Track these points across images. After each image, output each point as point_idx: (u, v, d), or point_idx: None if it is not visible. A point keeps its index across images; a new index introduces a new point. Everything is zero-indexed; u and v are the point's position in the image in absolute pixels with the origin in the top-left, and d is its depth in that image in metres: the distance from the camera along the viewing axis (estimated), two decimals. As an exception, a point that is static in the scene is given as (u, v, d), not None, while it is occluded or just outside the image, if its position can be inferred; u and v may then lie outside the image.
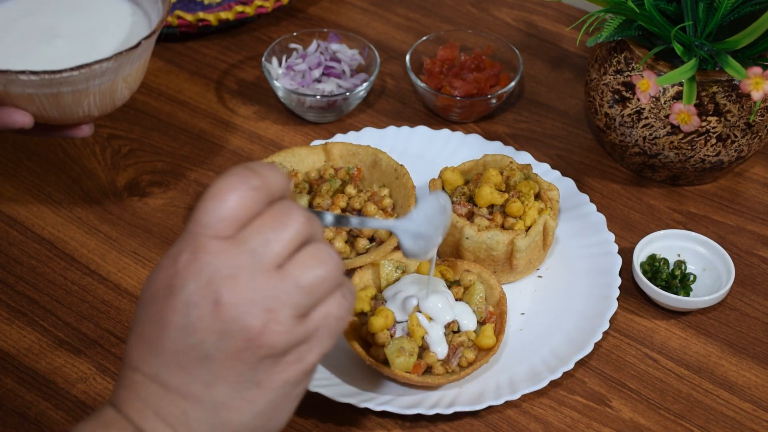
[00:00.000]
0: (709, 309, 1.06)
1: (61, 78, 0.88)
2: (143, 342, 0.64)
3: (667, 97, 1.09)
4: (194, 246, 0.62)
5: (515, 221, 1.04)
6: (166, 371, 0.64)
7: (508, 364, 0.99)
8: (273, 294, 0.62)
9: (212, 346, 0.62)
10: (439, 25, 1.43)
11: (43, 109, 0.92)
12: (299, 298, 0.63)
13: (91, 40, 0.98)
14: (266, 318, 0.62)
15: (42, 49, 0.96)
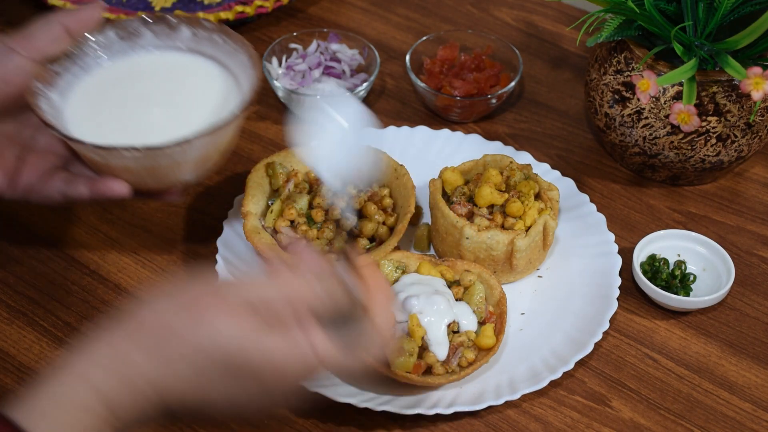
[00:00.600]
0: (709, 309, 1.06)
1: (162, 153, 0.88)
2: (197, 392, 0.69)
3: (667, 97, 1.09)
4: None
5: (515, 221, 1.04)
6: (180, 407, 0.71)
7: (508, 364, 0.99)
8: None
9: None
10: (439, 25, 1.43)
11: (140, 179, 0.92)
12: None
13: (186, 108, 0.95)
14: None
15: (138, 118, 0.94)
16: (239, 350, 0.68)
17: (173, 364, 0.68)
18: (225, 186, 1.17)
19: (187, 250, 1.10)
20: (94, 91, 0.95)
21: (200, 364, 0.68)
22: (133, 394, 0.68)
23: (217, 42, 0.99)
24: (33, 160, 0.93)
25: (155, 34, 0.99)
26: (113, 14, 1.36)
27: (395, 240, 1.03)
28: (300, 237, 1.04)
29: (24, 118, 0.93)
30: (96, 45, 0.96)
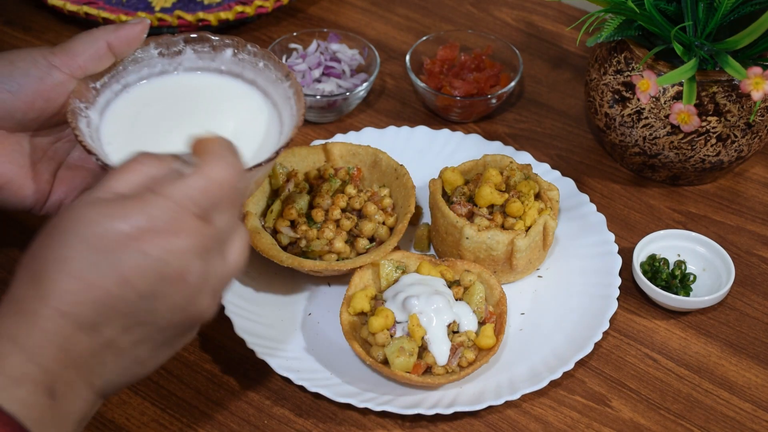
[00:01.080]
0: (709, 309, 1.06)
1: None
2: (88, 291, 0.67)
3: (667, 97, 1.09)
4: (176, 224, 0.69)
5: (515, 221, 1.04)
6: (105, 325, 0.68)
7: (508, 364, 0.99)
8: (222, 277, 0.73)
9: (162, 316, 0.70)
10: (439, 25, 1.43)
11: None
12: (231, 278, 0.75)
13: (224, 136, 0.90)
14: (212, 298, 0.73)
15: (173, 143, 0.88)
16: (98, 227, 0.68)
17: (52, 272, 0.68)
18: (225, 186, 1.17)
19: (187, 250, 1.10)
20: (132, 110, 0.93)
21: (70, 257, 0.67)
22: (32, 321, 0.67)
23: (260, 67, 0.96)
24: (66, 176, 0.93)
25: (197, 54, 0.96)
26: (113, 14, 1.36)
27: (395, 240, 1.03)
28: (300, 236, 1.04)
29: (60, 132, 0.93)
30: (137, 63, 0.94)
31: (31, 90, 0.87)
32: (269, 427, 0.95)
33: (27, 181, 0.90)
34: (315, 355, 1.00)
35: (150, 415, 0.95)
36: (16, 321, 0.67)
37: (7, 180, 0.89)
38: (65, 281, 0.67)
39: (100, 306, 0.68)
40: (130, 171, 0.71)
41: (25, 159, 0.91)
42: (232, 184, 0.72)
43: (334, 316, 1.03)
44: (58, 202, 0.92)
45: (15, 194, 0.90)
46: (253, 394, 0.97)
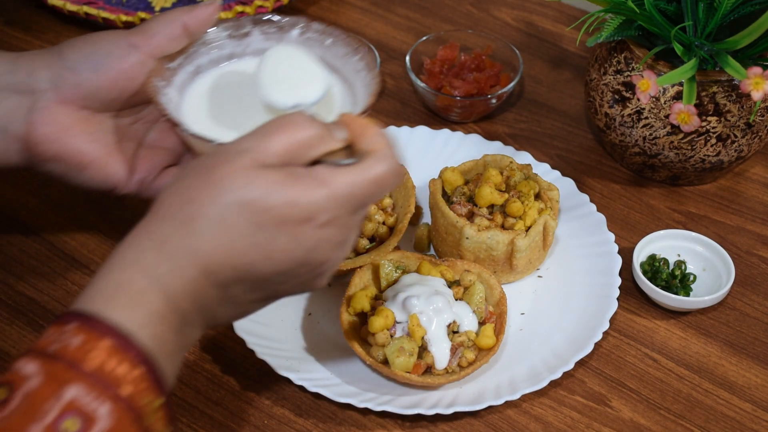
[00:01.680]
0: (709, 309, 1.06)
1: None
2: (235, 257, 0.71)
3: (667, 97, 1.09)
4: (333, 216, 0.73)
5: (515, 221, 1.04)
6: (238, 288, 0.73)
7: (508, 364, 0.99)
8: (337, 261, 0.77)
9: (290, 287, 0.76)
10: (439, 25, 1.43)
11: None
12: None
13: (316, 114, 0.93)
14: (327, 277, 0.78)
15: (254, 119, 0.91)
16: (260, 201, 0.70)
17: (204, 228, 0.70)
18: (225, 186, 1.17)
19: (187, 250, 1.10)
20: (211, 92, 0.95)
21: (227, 220, 0.70)
22: (176, 267, 0.70)
23: (327, 45, 0.98)
24: (146, 155, 0.96)
25: (264, 35, 0.98)
26: (113, 14, 1.36)
27: (395, 240, 1.03)
28: None
29: (137, 113, 0.96)
30: (207, 45, 0.96)
31: (114, 70, 0.90)
32: (269, 427, 0.95)
33: (111, 160, 0.93)
34: (315, 355, 1.00)
35: (150, 415, 0.95)
36: (161, 262, 0.70)
37: (93, 159, 0.92)
38: (216, 242, 0.70)
39: (239, 272, 0.72)
40: (287, 132, 0.73)
41: (109, 138, 0.93)
42: (388, 185, 0.75)
43: (334, 316, 1.03)
44: (139, 182, 0.95)
45: (100, 173, 0.93)
46: (253, 394, 0.97)
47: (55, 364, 0.63)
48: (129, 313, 0.67)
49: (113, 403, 0.63)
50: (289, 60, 0.90)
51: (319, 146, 0.74)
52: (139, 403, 0.65)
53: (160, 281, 0.69)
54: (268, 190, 0.71)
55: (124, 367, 0.65)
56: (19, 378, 0.63)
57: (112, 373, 0.64)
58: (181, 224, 0.70)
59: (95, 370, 0.64)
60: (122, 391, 0.64)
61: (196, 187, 0.72)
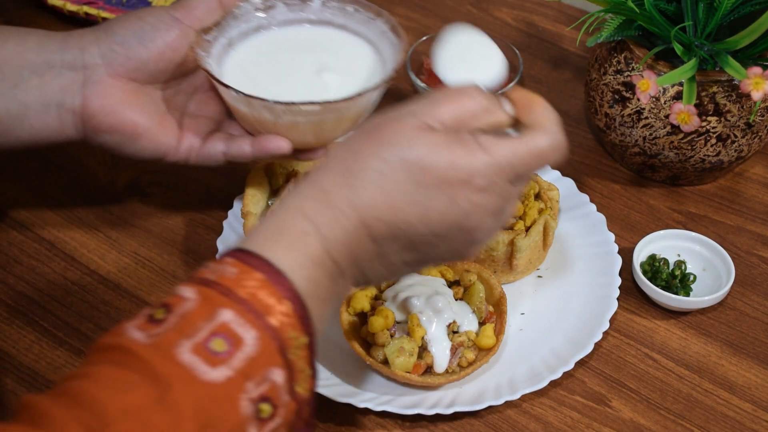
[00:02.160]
0: (709, 309, 1.06)
1: (335, 107, 0.93)
2: (392, 213, 0.72)
3: (667, 97, 1.09)
4: (491, 182, 0.73)
5: (515, 221, 1.04)
6: (391, 245, 0.74)
7: (508, 364, 0.99)
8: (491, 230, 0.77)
9: (438, 254, 0.76)
10: (439, 25, 1.43)
11: (302, 136, 0.97)
12: None
13: (340, 73, 1.01)
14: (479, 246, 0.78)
15: (294, 83, 1.00)
16: (423, 159, 0.72)
17: (366, 181, 0.72)
18: (225, 186, 1.17)
19: (187, 250, 1.10)
20: (247, 59, 1.02)
21: (388, 175, 0.72)
22: (336, 216, 0.72)
23: (349, 11, 1.04)
24: (191, 124, 1.00)
25: (288, 7, 1.04)
26: (113, 14, 1.36)
27: (395, 240, 1.03)
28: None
29: (177, 86, 1.01)
30: (236, 18, 1.02)
31: (161, 42, 0.96)
32: (269, 427, 0.95)
33: (161, 129, 0.98)
34: (315, 355, 1.00)
35: (150, 415, 0.95)
36: (322, 210, 0.72)
37: (146, 128, 0.97)
38: (376, 195, 0.72)
39: (395, 228, 0.73)
40: (456, 101, 0.76)
41: (158, 108, 0.99)
42: (549, 159, 0.77)
43: (334, 316, 1.03)
44: (188, 149, 0.99)
45: (152, 141, 0.98)
46: (253, 394, 0.97)
47: (210, 290, 0.67)
48: (287, 254, 0.70)
49: (260, 330, 0.66)
50: (464, 41, 0.94)
51: (487, 117, 0.76)
52: (285, 336, 0.67)
53: (320, 229, 0.72)
54: (431, 150, 0.72)
55: (273, 300, 0.67)
56: (178, 300, 0.67)
57: (262, 302, 0.67)
58: (344, 176, 0.73)
59: (247, 298, 0.66)
60: (270, 321, 0.66)
61: (363, 142, 0.74)
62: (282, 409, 0.67)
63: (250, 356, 0.65)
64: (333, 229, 0.72)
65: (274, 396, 0.66)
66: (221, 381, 0.63)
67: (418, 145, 0.73)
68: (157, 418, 0.60)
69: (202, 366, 0.63)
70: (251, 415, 0.64)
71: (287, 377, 0.67)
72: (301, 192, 0.74)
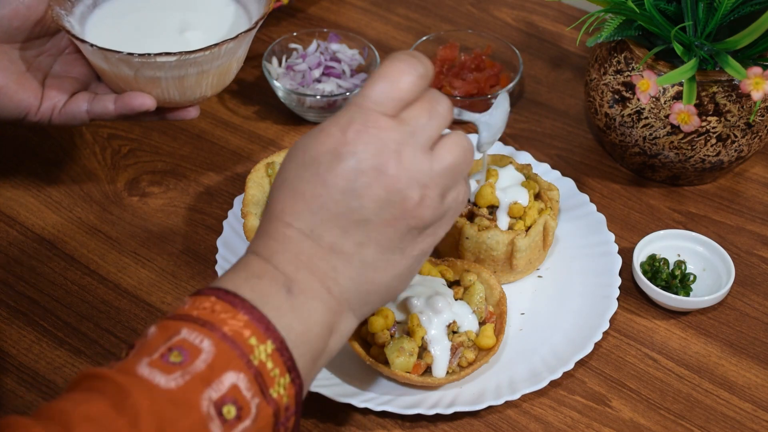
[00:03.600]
0: (709, 309, 1.06)
1: (194, 58, 0.95)
2: (301, 200, 0.73)
3: (667, 97, 1.09)
4: (365, 119, 0.72)
5: (515, 221, 1.04)
6: (322, 229, 0.73)
7: (508, 364, 0.99)
8: (428, 173, 0.73)
9: (371, 212, 0.72)
10: (439, 25, 1.43)
11: (166, 92, 0.99)
12: (445, 180, 0.74)
13: (202, 28, 1.04)
14: (422, 193, 0.73)
15: (158, 39, 1.02)
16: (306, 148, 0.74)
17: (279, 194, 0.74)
18: (225, 186, 1.17)
19: (187, 250, 1.10)
20: (110, 18, 1.04)
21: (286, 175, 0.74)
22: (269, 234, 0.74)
23: None
24: (54, 83, 1.01)
25: None
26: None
27: (395, 240, 1.03)
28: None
29: (41, 46, 1.02)
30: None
31: (14, 0, 0.97)
32: (269, 427, 0.95)
33: (20, 87, 0.99)
34: (315, 355, 1.00)
35: (150, 415, 0.95)
36: (257, 239, 0.75)
37: (2, 86, 0.98)
38: (283, 196, 0.74)
39: (313, 210, 0.73)
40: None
41: (16, 67, 1.00)
42: (414, 85, 0.73)
43: (334, 316, 1.03)
44: (51, 107, 1.00)
45: (11, 100, 0.99)
46: (253, 394, 0.97)
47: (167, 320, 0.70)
48: (232, 276, 0.73)
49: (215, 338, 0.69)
50: None
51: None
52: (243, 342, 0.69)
53: (256, 251, 0.75)
54: (306, 138, 0.74)
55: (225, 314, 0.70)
56: (142, 336, 0.70)
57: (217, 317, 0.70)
58: (268, 204, 0.76)
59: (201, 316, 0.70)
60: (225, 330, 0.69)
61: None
62: (250, 412, 0.68)
63: (208, 362, 0.67)
64: (269, 246, 0.74)
65: (238, 398, 0.67)
66: (178, 386, 0.66)
67: (299, 144, 0.75)
68: (117, 422, 0.63)
69: (158, 375, 0.66)
70: (213, 415, 0.66)
71: (252, 380, 0.68)
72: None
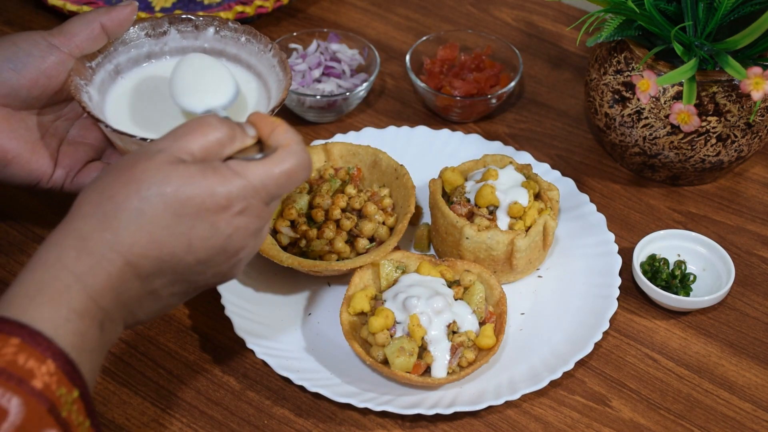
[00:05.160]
0: (709, 309, 1.06)
1: None
2: (156, 249, 0.73)
3: (667, 97, 1.09)
4: (248, 205, 0.76)
5: (515, 221, 1.04)
6: (157, 276, 0.75)
7: (508, 364, 0.99)
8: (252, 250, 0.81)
9: (205, 279, 0.78)
10: (439, 25, 1.43)
11: None
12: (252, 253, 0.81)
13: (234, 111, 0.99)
14: (242, 266, 0.81)
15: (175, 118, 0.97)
16: (180, 192, 0.73)
17: (125, 221, 0.73)
18: (225, 186, 1.17)
19: (187, 250, 1.10)
20: (130, 91, 1.00)
21: (148, 212, 0.73)
22: (98, 262, 0.72)
23: (241, 42, 1.02)
24: (68, 151, 1.00)
25: (181, 34, 1.02)
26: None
27: (395, 240, 1.03)
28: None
29: (59, 111, 1.00)
30: (126, 44, 1.00)
31: (34, 68, 0.94)
32: (269, 427, 0.95)
33: (33, 155, 0.97)
34: (315, 355, 1.00)
35: (150, 415, 0.95)
36: (82, 258, 0.72)
37: (16, 155, 0.96)
38: (137, 234, 0.73)
39: (162, 263, 0.74)
40: (201, 133, 0.77)
41: (31, 135, 0.97)
42: (298, 178, 0.78)
43: (334, 316, 1.03)
44: (63, 176, 0.99)
45: (23, 168, 0.96)
46: (253, 394, 0.97)
47: None
48: (49, 311, 0.69)
49: (24, 396, 0.65)
50: (200, 67, 0.95)
51: (232, 144, 0.78)
52: (53, 395, 0.66)
53: (82, 278, 0.71)
54: (186, 181, 0.73)
55: (33, 362, 0.66)
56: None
57: (23, 367, 0.66)
58: (102, 220, 0.73)
59: (5, 366, 0.66)
60: (34, 384, 0.66)
61: (116, 184, 0.74)
62: None
63: (16, 425, 0.64)
64: (96, 276, 0.72)
65: None
66: None
67: (173, 178, 0.73)
68: None
69: None
70: None
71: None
72: (59, 243, 0.72)
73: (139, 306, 0.76)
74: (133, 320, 0.77)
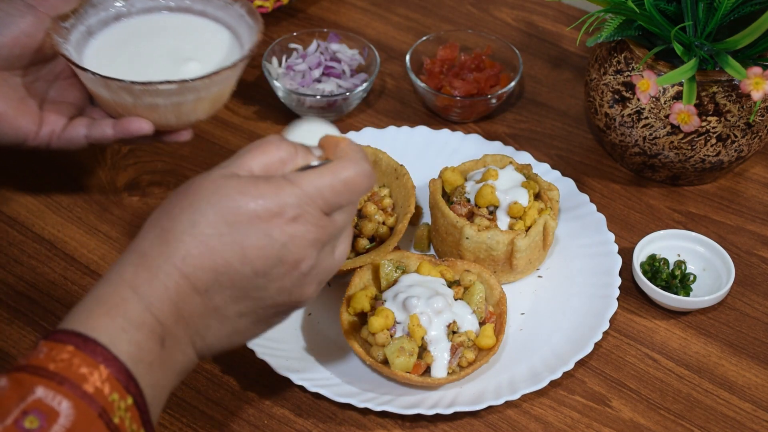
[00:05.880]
0: (709, 309, 1.06)
1: (193, 86, 0.96)
2: (209, 259, 0.72)
3: (667, 97, 1.09)
4: (302, 212, 0.74)
5: (515, 221, 1.04)
6: (217, 291, 0.73)
7: (508, 364, 0.99)
8: (331, 272, 0.79)
9: (269, 295, 0.75)
10: (439, 25, 1.43)
11: (163, 117, 0.99)
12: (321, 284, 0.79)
13: (196, 58, 1.05)
14: (315, 289, 0.78)
15: (153, 68, 1.03)
16: (231, 200, 0.73)
17: (179, 233, 0.72)
18: (225, 186, 1.17)
19: (187, 250, 1.10)
20: (107, 47, 1.05)
21: (200, 223, 0.72)
22: (154, 274, 0.72)
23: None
24: (52, 108, 1.03)
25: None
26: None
27: (395, 240, 1.03)
28: None
29: (37, 72, 1.03)
30: (95, 6, 1.05)
31: (15, 28, 0.98)
32: (269, 427, 0.95)
33: (20, 113, 1.00)
34: (315, 355, 1.00)
35: (150, 415, 0.95)
36: (139, 273, 0.72)
37: (2, 112, 1.00)
38: (191, 244, 0.72)
39: (218, 274, 0.73)
40: (262, 151, 0.76)
41: (16, 94, 1.01)
42: (358, 187, 0.76)
43: (334, 316, 1.03)
44: (49, 133, 1.02)
45: (11, 126, 1.00)
46: (253, 394, 0.97)
47: (21, 373, 0.67)
48: (106, 321, 0.70)
49: (75, 399, 0.65)
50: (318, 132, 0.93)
51: (294, 163, 0.76)
52: (104, 400, 0.67)
53: (139, 291, 0.71)
54: (237, 190, 0.73)
55: (86, 367, 0.67)
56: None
57: (76, 372, 0.67)
58: (159, 235, 0.73)
59: (58, 371, 0.66)
60: (86, 388, 0.66)
61: (175, 200, 0.75)
62: None
63: (67, 427, 0.65)
64: (153, 289, 0.72)
65: None
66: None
67: (225, 188, 0.73)
68: None
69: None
70: None
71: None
72: (120, 261, 0.74)
73: (205, 326, 0.74)
74: (203, 344, 0.75)
